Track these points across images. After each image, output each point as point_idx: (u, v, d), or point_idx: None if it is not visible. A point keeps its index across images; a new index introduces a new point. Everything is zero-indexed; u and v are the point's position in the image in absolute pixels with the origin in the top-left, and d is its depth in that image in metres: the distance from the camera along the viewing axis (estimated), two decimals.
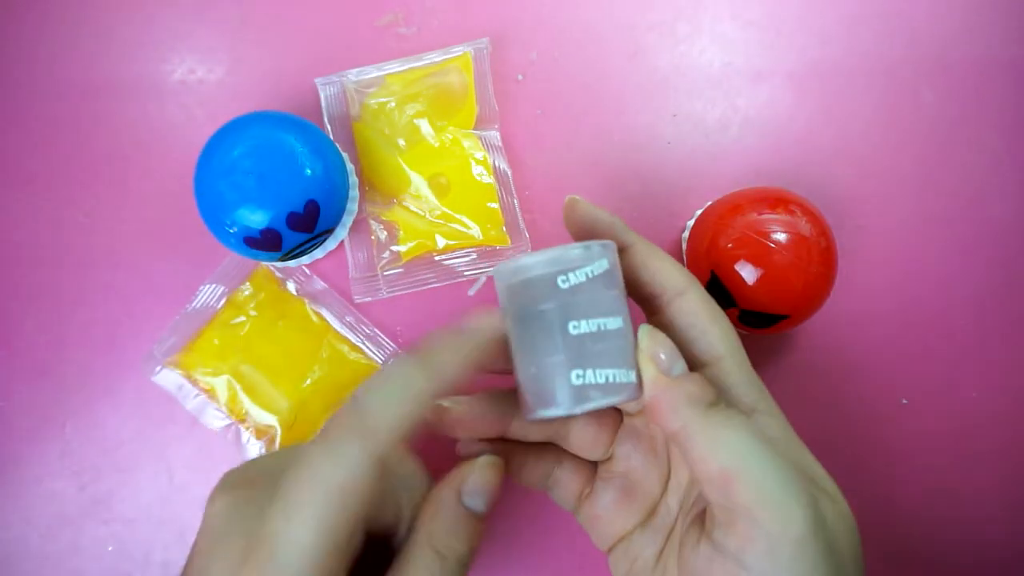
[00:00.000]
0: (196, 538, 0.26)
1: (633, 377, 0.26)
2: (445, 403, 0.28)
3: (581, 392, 0.25)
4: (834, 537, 0.24)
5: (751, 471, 0.23)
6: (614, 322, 0.26)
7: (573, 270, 0.26)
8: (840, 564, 0.24)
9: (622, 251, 0.29)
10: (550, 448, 0.31)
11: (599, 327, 0.25)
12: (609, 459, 0.31)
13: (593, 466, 0.31)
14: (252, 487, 0.25)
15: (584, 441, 0.30)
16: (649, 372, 0.26)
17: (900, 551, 0.39)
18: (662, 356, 0.26)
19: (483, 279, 0.31)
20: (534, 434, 0.30)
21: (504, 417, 0.29)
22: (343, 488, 0.22)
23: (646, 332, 0.26)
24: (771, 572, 0.23)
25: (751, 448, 0.24)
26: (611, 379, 0.25)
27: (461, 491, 0.26)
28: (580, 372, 0.25)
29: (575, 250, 0.26)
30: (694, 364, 0.28)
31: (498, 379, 0.28)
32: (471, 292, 0.31)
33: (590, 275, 0.26)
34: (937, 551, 0.39)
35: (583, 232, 0.29)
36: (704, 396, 0.25)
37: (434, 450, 0.28)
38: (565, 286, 0.25)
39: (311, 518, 0.22)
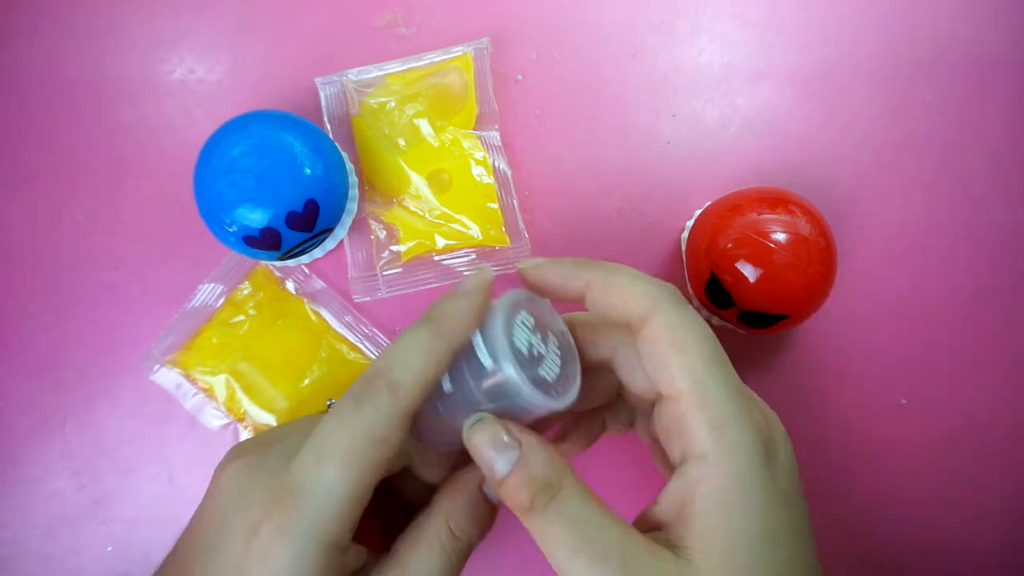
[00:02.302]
0: (202, 507, 0.26)
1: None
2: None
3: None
4: None
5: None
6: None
7: (483, 332, 0.25)
8: None
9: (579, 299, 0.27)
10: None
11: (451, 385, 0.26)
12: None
13: None
14: (263, 453, 0.26)
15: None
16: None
17: (899, 551, 0.39)
18: (481, 463, 0.25)
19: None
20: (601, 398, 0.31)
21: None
22: (374, 437, 0.24)
23: (464, 433, 0.25)
24: None
25: (560, 563, 0.23)
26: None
27: (485, 481, 0.27)
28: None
29: (501, 340, 0.25)
30: (660, 400, 0.26)
31: None
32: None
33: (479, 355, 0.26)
34: (936, 551, 0.39)
35: (545, 293, 0.28)
36: (515, 506, 0.24)
37: None
38: (475, 339, 0.26)
39: (344, 463, 0.24)
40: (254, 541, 0.24)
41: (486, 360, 0.25)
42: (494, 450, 0.25)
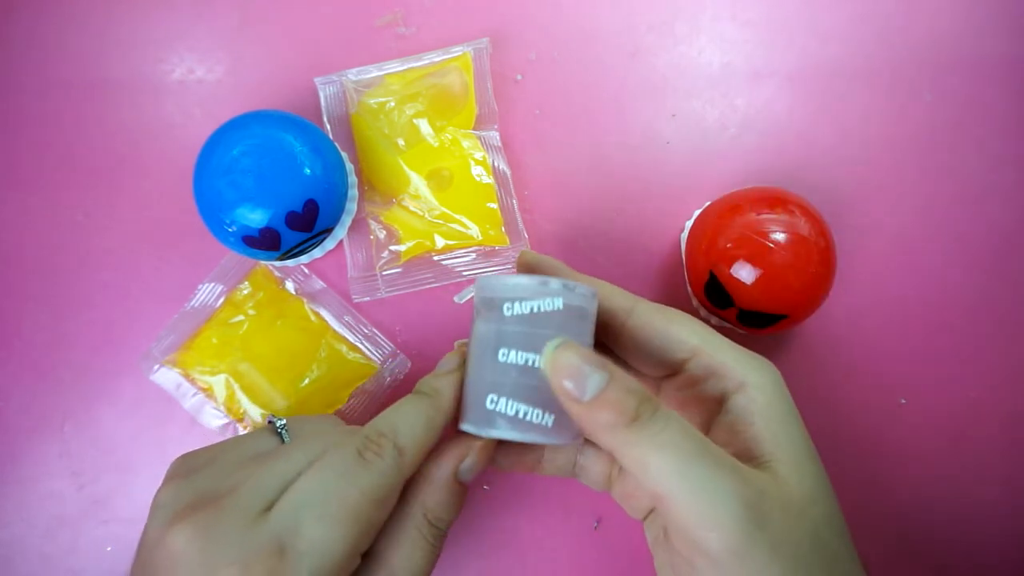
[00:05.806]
0: None
1: (550, 422, 0.26)
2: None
3: (489, 417, 0.26)
4: (779, 536, 0.24)
5: (679, 494, 0.23)
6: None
7: (520, 300, 0.26)
8: (793, 557, 0.24)
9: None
10: None
11: (527, 361, 0.26)
12: None
13: None
14: (215, 510, 0.25)
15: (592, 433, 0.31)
16: (565, 403, 0.25)
17: (898, 550, 0.39)
18: (567, 385, 0.24)
19: (469, 292, 0.30)
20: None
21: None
22: (377, 497, 0.25)
23: (547, 357, 0.25)
24: None
25: (676, 469, 0.23)
26: (521, 414, 0.26)
27: (460, 468, 0.28)
28: (495, 398, 0.26)
29: (531, 282, 0.26)
30: (676, 366, 0.29)
31: None
32: (459, 300, 0.30)
33: (535, 310, 0.26)
34: (936, 551, 0.39)
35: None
36: (620, 417, 0.24)
37: None
38: (508, 313, 0.26)
39: (346, 521, 0.24)
40: None
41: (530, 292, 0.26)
42: (588, 365, 0.24)
